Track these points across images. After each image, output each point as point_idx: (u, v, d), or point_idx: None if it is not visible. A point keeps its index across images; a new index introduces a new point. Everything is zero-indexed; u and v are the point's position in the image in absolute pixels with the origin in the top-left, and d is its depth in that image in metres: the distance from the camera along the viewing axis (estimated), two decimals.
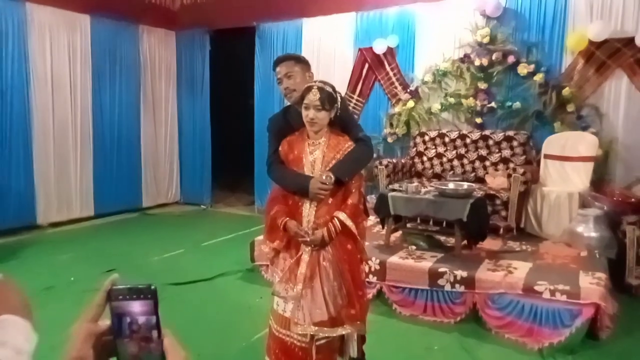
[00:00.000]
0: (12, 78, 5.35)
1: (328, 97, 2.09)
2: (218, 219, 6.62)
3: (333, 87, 2.15)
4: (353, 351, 2.37)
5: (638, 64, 4.25)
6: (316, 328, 2.08)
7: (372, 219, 4.38)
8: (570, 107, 4.45)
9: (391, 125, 5.45)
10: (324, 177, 2.08)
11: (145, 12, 6.72)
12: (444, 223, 4.03)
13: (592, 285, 2.88)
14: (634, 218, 3.62)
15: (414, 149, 5.15)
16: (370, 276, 3.46)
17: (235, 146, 8.02)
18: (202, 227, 6.13)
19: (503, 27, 4.79)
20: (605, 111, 4.41)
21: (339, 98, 2.18)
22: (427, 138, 5.08)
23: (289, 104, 2.41)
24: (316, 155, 2.17)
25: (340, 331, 2.12)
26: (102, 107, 6.35)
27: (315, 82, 2.15)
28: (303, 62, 2.36)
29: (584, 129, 4.41)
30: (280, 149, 2.25)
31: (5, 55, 5.27)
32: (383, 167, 4.71)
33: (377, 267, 3.44)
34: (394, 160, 4.96)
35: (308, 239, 2.09)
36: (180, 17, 7.16)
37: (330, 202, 2.14)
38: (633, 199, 3.70)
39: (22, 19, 5.38)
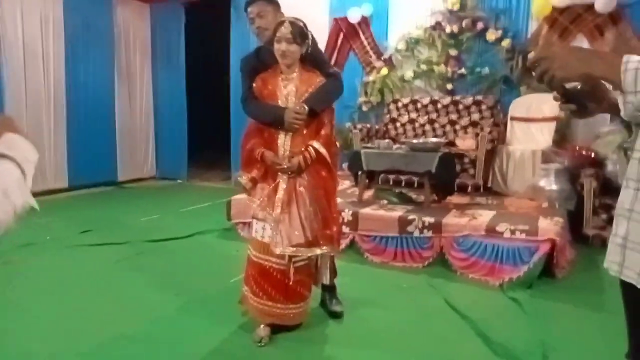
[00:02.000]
0: None
1: (300, 31, 2.20)
2: (195, 191, 6.66)
3: (304, 24, 2.26)
4: (326, 279, 2.51)
5: (597, 29, 4.46)
6: (294, 249, 2.20)
7: (347, 183, 4.54)
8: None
9: (366, 93, 5.58)
10: (298, 108, 2.19)
11: None
12: (415, 183, 4.22)
13: (550, 225, 3.08)
14: (591, 171, 3.83)
15: (388, 116, 5.29)
16: (343, 227, 3.59)
17: (211, 122, 8.02)
18: (179, 197, 6.17)
19: None
20: None
21: (310, 35, 2.28)
22: (400, 105, 5.22)
23: (260, 44, 2.50)
24: (289, 89, 2.28)
25: (317, 251, 2.24)
26: (76, 78, 6.29)
27: (287, 17, 2.25)
28: (274, 3, 2.46)
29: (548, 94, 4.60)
30: (254, 85, 2.35)
31: None
32: (357, 130, 4.83)
33: (350, 218, 3.57)
34: (368, 125, 5.09)
35: (285, 166, 2.20)
36: None
37: (304, 132, 2.26)
38: (591, 154, 3.91)
39: None
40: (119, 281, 3.10)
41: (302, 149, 2.23)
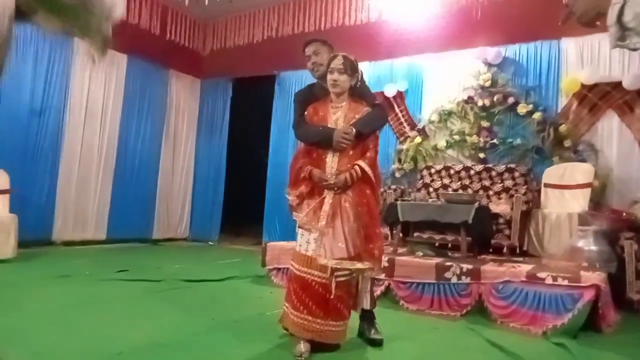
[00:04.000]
0: (52, 100, 5.85)
1: (350, 64, 2.45)
2: (227, 251, 6.74)
3: (355, 59, 2.52)
4: (366, 303, 2.52)
5: (627, 104, 4.65)
6: (337, 261, 2.25)
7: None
8: (567, 143, 4.79)
9: (399, 160, 5.78)
10: (346, 129, 2.37)
11: (176, 55, 7.36)
12: (449, 245, 4.21)
13: (593, 275, 3.01)
14: (631, 234, 3.79)
15: (421, 181, 5.42)
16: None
17: (246, 192, 8.28)
18: (212, 253, 6.27)
19: (503, 73, 5.28)
20: (599, 147, 4.73)
21: (360, 70, 2.53)
22: (433, 171, 5.37)
23: (314, 82, 2.77)
24: (338, 115, 2.48)
25: (358, 265, 2.28)
26: (127, 137, 6.78)
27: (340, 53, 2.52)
28: (328, 45, 2.76)
29: (581, 163, 4.70)
30: (306, 113, 2.57)
31: (50, 79, 5.83)
32: (392, 191, 4.96)
33: (386, 264, 3.58)
34: (402, 187, 5.22)
35: (332, 182, 2.33)
36: (207, 64, 7.82)
37: (350, 154, 2.42)
38: (629, 217, 3.89)
39: (69, 50, 5.98)
40: (154, 305, 3.15)
41: (349, 167, 2.37)
